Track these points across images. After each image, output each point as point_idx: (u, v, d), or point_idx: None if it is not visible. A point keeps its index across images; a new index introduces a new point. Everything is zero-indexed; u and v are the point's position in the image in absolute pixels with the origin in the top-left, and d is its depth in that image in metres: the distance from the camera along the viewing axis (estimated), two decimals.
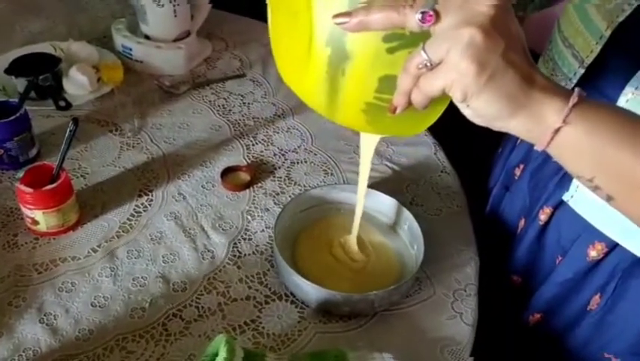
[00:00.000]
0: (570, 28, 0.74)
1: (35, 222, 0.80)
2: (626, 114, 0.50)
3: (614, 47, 0.67)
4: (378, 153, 1.00)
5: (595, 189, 0.50)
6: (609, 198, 0.50)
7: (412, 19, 0.47)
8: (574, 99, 0.47)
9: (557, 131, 0.47)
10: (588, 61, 0.70)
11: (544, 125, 0.48)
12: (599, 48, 0.68)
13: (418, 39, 0.49)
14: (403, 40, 0.51)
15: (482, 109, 0.48)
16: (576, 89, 0.48)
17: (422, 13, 0.46)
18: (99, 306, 0.74)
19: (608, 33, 0.67)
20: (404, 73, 0.50)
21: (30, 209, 0.78)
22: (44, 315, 0.72)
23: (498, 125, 0.49)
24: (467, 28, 0.45)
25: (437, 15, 0.46)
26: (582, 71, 0.71)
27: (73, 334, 0.70)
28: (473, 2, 0.45)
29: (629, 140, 0.47)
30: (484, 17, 0.45)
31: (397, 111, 0.53)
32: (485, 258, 0.86)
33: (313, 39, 0.55)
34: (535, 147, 0.50)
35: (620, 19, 0.66)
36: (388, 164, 0.99)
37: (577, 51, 0.72)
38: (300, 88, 0.62)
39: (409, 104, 0.52)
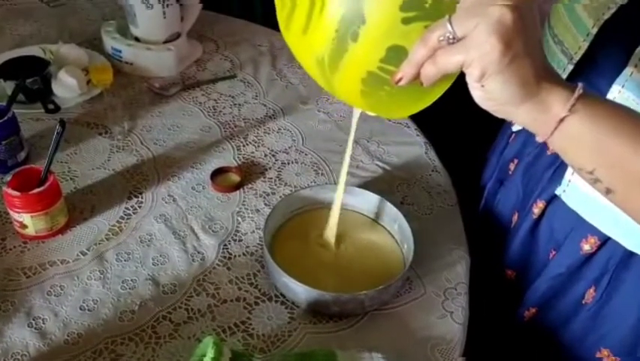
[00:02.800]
0: (559, 25, 0.74)
1: (24, 226, 0.79)
2: (628, 109, 0.51)
3: (600, 44, 0.68)
4: (369, 152, 1.00)
5: (595, 182, 0.51)
6: (608, 192, 0.51)
7: None
8: (579, 91, 0.48)
9: (562, 120, 0.49)
10: (577, 57, 0.70)
11: (549, 114, 0.49)
12: (586, 45, 0.69)
13: (436, 14, 0.49)
14: (421, 12, 0.51)
15: (496, 91, 0.48)
16: (580, 83, 0.49)
17: None
18: (88, 309, 0.73)
19: (594, 30, 0.68)
20: (421, 43, 0.49)
21: (18, 212, 0.78)
22: (33, 319, 0.72)
23: (506, 111, 0.50)
24: (498, 6, 0.45)
25: None
26: (571, 67, 0.72)
27: (62, 338, 0.70)
28: None
29: (630, 133, 0.49)
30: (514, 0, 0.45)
31: (401, 83, 0.52)
32: (479, 253, 0.86)
33: None
34: (536, 138, 0.50)
35: (606, 16, 0.66)
36: (379, 163, 0.99)
37: (566, 48, 0.72)
38: (301, 48, 0.60)
39: (416, 77, 0.52)
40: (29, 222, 0.79)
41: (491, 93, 0.48)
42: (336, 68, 0.57)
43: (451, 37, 0.47)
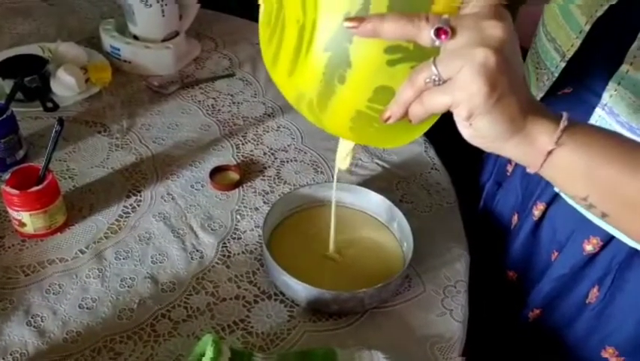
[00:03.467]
0: (552, 23, 0.74)
1: (22, 224, 0.79)
2: (614, 134, 0.52)
3: (594, 41, 0.68)
4: (368, 150, 1.00)
5: (589, 207, 0.51)
6: (604, 216, 0.52)
7: (426, 34, 0.46)
8: (564, 122, 0.48)
9: (550, 153, 0.49)
10: (569, 55, 0.70)
11: (537, 147, 0.49)
12: (579, 42, 0.69)
13: (420, 55, 0.49)
14: (406, 54, 0.51)
15: (484, 129, 0.48)
16: (564, 114, 0.49)
17: (437, 28, 0.46)
18: (87, 308, 0.73)
19: (587, 28, 0.68)
20: (408, 85, 0.49)
21: (17, 211, 0.78)
22: (32, 317, 0.72)
23: (495, 147, 0.50)
24: (482, 49, 0.45)
25: (453, 32, 0.46)
26: (563, 64, 0.72)
27: (61, 336, 0.70)
28: (487, 25, 0.46)
29: (618, 158, 0.49)
30: (497, 41, 0.45)
31: (390, 121, 0.53)
32: (479, 254, 0.86)
33: (313, 42, 0.54)
34: (527, 170, 0.51)
35: (599, 14, 0.66)
36: (379, 162, 0.98)
37: (559, 45, 0.72)
38: (287, 88, 0.61)
39: (404, 115, 0.52)
40: (28, 220, 0.78)
41: (479, 131, 0.49)
42: (325, 107, 0.57)
43: (436, 79, 0.47)
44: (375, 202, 0.86)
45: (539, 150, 0.49)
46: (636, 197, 0.49)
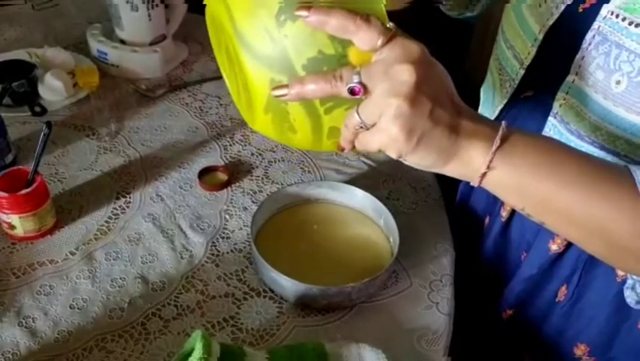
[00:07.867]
0: (510, 30, 0.75)
1: (12, 227, 0.80)
2: (549, 144, 0.54)
3: (547, 50, 0.69)
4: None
5: (528, 216, 0.54)
6: (542, 223, 0.55)
7: (343, 91, 0.49)
8: (496, 143, 0.50)
9: (484, 174, 0.51)
10: (527, 62, 0.71)
11: (472, 169, 0.51)
12: (534, 50, 0.70)
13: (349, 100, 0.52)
14: (336, 101, 0.53)
15: (417, 163, 0.52)
16: (501, 126, 0.51)
17: (352, 86, 0.49)
18: (77, 308, 0.74)
19: (540, 36, 0.69)
20: (345, 128, 0.53)
21: (6, 214, 0.78)
22: (23, 318, 0.72)
23: (435, 171, 0.53)
24: (394, 99, 0.47)
25: (365, 87, 0.49)
26: (522, 72, 0.73)
27: (52, 336, 0.71)
28: (395, 72, 0.48)
29: (549, 175, 0.51)
30: (407, 86, 0.47)
31: (346, 152, 0.57)
32: (460, 252, 0.87)
33: (254, 103, 0.57)
34: (471, 184, 0.53)
35: (550, 22, 0.67)
36: (365, 160, 1.00)
37: (517, 52, 0.73)
38: (261, 132, 0.64)
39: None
40: (17, 223, 0.79)
41: (415, 164, 0.52)
42: (294, 145, 0.62)
43: (363, 125, 0.50)
44: (362, 200, 0.87)
45: (474, 171, 0.51)
46: (567, 208, 0.51)
